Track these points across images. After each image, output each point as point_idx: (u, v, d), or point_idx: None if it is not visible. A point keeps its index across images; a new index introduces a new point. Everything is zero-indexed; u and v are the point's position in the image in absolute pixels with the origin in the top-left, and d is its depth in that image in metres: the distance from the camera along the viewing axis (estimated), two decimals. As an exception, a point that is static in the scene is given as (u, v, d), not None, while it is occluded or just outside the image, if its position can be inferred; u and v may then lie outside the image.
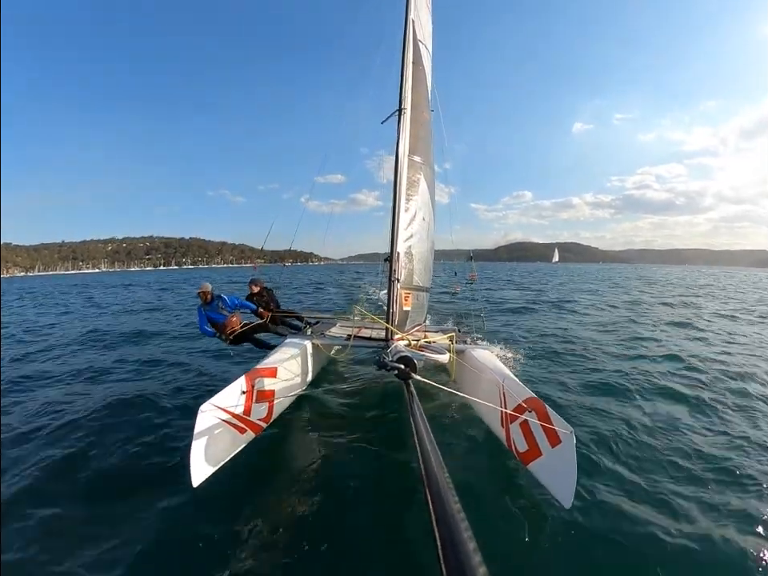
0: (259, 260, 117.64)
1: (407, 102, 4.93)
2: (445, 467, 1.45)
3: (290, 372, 4.26)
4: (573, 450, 2.64)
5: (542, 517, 2.74)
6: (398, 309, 4.79)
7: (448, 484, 1.31)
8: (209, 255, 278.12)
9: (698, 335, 9.34)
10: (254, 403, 3.44)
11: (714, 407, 4.71)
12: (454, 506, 1.16)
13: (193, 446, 2.71)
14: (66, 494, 2.96)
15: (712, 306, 15.90)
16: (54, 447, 3.66)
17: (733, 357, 7.25)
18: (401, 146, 4.81)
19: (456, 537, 1.02)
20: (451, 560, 0.95)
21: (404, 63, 5.13)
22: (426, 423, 2.00)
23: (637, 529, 2.65)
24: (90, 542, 2.46)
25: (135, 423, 4.13)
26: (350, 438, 3.83)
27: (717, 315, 13.25)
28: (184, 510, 2.76)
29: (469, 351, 4.79)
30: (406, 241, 4.88)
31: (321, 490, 2.97)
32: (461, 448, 3.60)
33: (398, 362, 3.24)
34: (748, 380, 5.72)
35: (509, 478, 3.20)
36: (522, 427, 3.19)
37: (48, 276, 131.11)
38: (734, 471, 3.38)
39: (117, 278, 67.63)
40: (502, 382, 3.71)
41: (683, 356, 7.01)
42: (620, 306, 15.42)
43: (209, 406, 2.95)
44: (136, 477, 3.17)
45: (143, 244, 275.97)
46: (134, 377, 5.96)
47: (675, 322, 11.23)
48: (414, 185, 4.97)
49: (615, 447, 3.76)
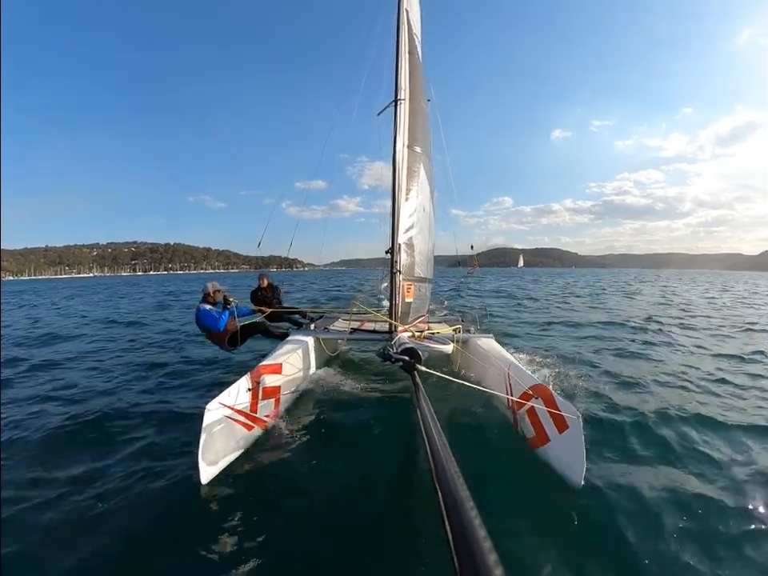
0: (244, 266, 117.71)
1: (405, 92, 4.88)
2: (453, 456, 1.44)
3: (295, 367, 4.22)
4: (581, 435, 2.65)
5: (552, 502, 2.72)
6: (401, 300, 4.77)
7: (456, 473, 1.30)
8: (195, 261, 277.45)
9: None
10: (260, 400, 3.41)
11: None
12: (463, 494, 1.15)
13: (200, 445, 2.68)
14: (61, 500, 2.89)
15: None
16: (50, 449, 3.60)
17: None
18: (399, 136, 4.77)
19: (466, 524, 1.02)
20: (462, 547, 0.96)
21: (398, 53, 5.08)
22: (433, 413, 1.99)
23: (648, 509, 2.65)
24: (88, 544, 2.42)
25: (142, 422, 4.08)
26: (356, 430, 3.80)
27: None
28: (189, 506, 2.71)
29: (473, 340, 4.79)
30: (407, 232, 4.85)
31: (329, 483, 2.93)
32: (468, 437, 3.57)
33: (403, 353, 3.23)
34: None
35: (517, 465, 3.19)
36: (529, 414, 3.19)
37: (48, 279, 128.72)
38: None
39: (118, 281, 67.06)
40: (508, 370, 3.71)
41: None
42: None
43: (215, 405, 2.91)
44: (141, 479, 3.11)
45: (128, 249, 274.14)
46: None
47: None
48: (414, 175, 4.93)
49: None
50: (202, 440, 2.70)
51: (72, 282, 77.98)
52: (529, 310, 14.16)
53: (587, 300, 18.25)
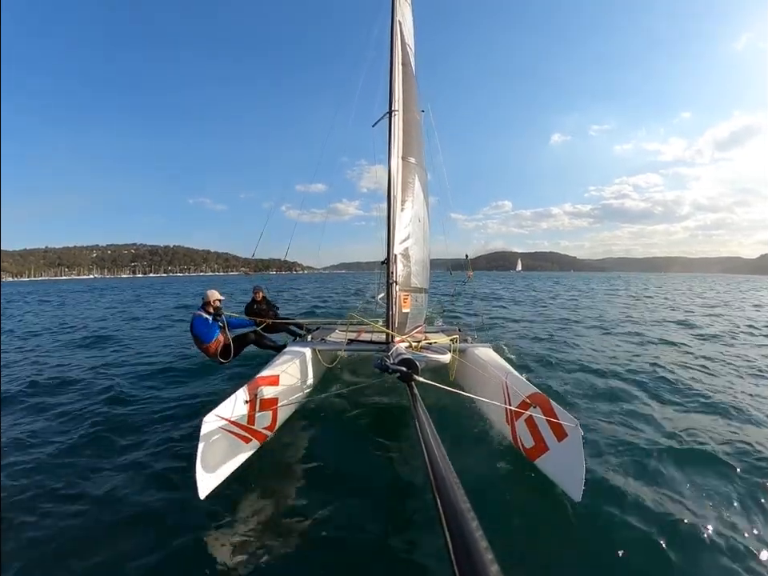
0: (244, 268, 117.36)
1: (399, 104, 4.93)
2: (451, 466, 1.44)
3: (292, 379, 4.22)
4: (580, 443, 2.65)
5: (552, 512, 2.73)
6: (398, 311, 4.78)
7: (455, 483, 1.30)
8: (195, 263, 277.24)
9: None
10: (258, 412, 3.41)
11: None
12: (463, 504, 1.15)
13: (197, 458, 2.67)
14: (62, 501, 2.91)
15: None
16: (49, 451, 3.63)
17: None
18: (393, 147, 4.81)
19: (467, 535, 1.01)
20: (462, 559, 0.95)
21: (392, 64, 5.13)
22: (431, 424, 1.99)
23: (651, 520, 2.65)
24: (86, 548, 2.43)
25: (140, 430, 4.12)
26: (354, 441, 3.81)
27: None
28: (187, 517, 2.72)
29: (471, 350, 4.79)
30: (403, 243, 4.87)
31: (327, 493, 2.94)
32: (467, 447, 3.58)
33: (400, 364, 3.22)
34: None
35: (517, 474, 3.19)
36: (528, 423, 3.19)
37: (56, 281, 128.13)
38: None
39: (120, 282, 66.96)
40: (505, 379, 3.71)
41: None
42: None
43: (212, 417, 2.91)
44: (139, 485, 3.13)
45: (128, 251, 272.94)
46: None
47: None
48: (409, 186, 4.97)
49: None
50: (199, 452, 2.69)
51: (103, 282, 76.13)
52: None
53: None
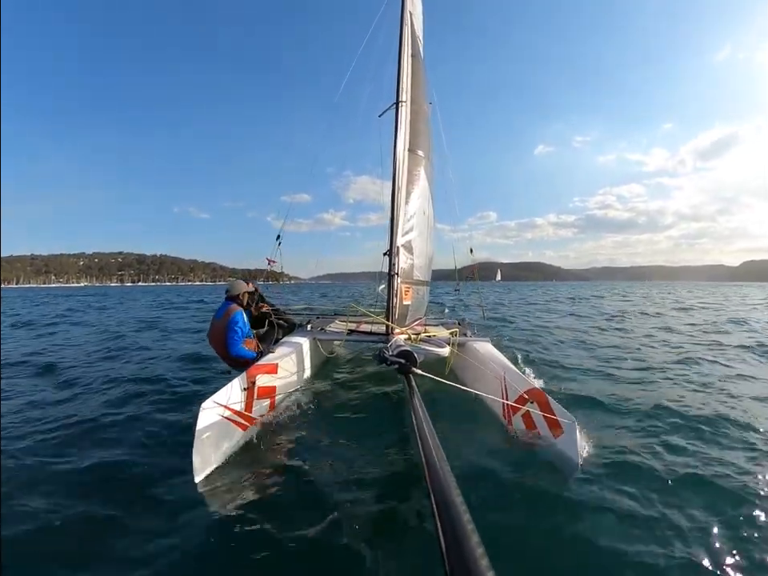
0: (231, 278, 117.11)
1: (406, 95, 4.88)
2: (446, 460, 1.44)
3: (291, 368, 4.22)
4: (576, 439, 2.68)
5: (545, 508, 2.73)
6: (398, 303, 4.77)
7: (450, 476, 1.29)
8: (182, 273, 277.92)
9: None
10: (255, 399, 3.42)
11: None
12: (456, 497, 1.15)
13: (195, 443, 2.68)
14: (63, 493, 2.91)
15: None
16: (48, 447, 3.62)
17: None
18: (399, 138, 4.77)
19: (458, 528, 1.02)
20: (453, 551, 0.96)
21: (401, 54, 5.07)
22: (428, 416, 1.99)
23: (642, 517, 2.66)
24: (86, 542, 2.44)
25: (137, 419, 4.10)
26: (350, 431, 3.80)
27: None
28: (183, 499, 2.73)
29: (470, 344, 4.79)
30: (406, 234, 4.85)
31: (322, 481, 2.95)
32: (462, 441, 3.58)
33: (399, 356, 3.22)
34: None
35: (511, 469, 3.19)
36: (525, 418, 3.22)
37: (47, 288, 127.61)
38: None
39: (118, 291, 66.74)
40: (504, 374, 3.72)
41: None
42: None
43: (210, 404, 2.92)
44: (136, 474, 3.13)
45: (114, 260, 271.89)
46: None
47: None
48: (415, 178, 4.93)
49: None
50: (196, 438, 2.70)
51: (88, 290, 75.75)
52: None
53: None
